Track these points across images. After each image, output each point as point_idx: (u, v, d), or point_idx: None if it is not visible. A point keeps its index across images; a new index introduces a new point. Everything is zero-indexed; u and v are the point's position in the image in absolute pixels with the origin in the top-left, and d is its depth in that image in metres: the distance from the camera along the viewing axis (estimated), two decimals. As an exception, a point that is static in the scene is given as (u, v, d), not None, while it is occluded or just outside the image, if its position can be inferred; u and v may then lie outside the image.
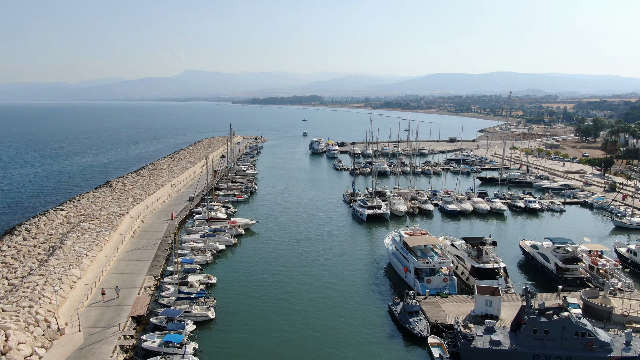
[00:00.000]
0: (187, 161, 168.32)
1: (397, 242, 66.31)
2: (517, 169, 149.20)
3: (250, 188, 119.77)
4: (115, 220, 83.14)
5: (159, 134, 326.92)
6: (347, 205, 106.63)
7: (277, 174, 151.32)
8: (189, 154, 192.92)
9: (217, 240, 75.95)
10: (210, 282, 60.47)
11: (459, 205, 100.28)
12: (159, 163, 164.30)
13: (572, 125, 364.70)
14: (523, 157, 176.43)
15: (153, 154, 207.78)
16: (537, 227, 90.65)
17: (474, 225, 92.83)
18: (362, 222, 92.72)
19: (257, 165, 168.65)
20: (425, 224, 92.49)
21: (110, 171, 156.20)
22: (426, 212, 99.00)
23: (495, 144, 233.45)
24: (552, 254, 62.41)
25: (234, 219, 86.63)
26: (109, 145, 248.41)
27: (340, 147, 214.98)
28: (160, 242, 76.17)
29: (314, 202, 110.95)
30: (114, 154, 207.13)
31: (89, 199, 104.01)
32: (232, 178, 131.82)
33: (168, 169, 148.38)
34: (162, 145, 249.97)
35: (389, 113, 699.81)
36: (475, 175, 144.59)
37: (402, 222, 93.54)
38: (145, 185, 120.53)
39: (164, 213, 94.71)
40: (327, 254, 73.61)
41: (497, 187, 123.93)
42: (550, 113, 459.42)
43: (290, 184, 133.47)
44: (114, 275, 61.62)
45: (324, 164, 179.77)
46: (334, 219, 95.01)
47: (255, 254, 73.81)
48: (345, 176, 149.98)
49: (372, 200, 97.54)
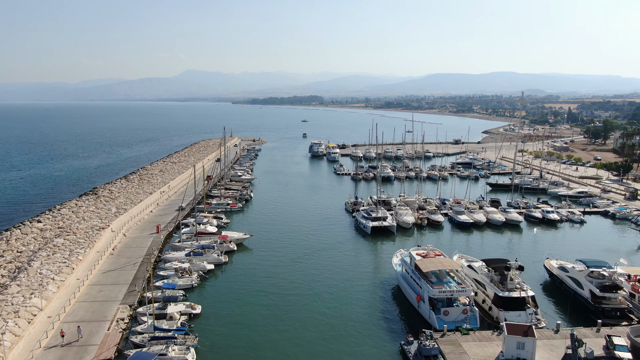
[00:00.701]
0: (181, 165, 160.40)
1: (408, 264, 58.38)
2: (529, 174, 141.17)
3: (246, 196, 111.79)
4: (94, 235, 75.20)
5: (155, 136, 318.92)
6: (349, 215, 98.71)
7: (275, 180, 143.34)
8: (183, 157, 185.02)
9: (205, 258, 68.01)
10: (194, 313, 52.54)
11: (470, 216, 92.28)
12: (150, 167, 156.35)
13: (578, 126, 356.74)
14: (532, 161, 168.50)
15: (146, 157, 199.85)
16: (558, 242, 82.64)
17: (488, 238, 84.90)
18: (365, 235, 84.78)
19: (254, 170, 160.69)
20: (434, 237, 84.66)
21: (99, 176, 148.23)
22: (435, 224, 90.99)
23: (502, 146, 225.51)
24: (586, 280, 54.44)
25: (225, 233, 78.67)
26: (102, 147, 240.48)
27: (341, 150, 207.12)
28: (142, 260, 68.22)
29: (313, 211, 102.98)
30: (106, 157, 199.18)
31: (71, 208, 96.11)
32: (226, 184, 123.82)
33: (159, 174, 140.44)
34: (156, 147, 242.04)
35: (390, 113, 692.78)
36: (484, 181, 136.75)
37: (410, 235, 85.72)
38: (133, 192, 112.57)
39: (149, 225, 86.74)
40: (327, 274, 65.69)
41: (508, 194, 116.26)
42: (555, 114, 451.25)
43: (289, 191, 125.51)
44: (83, 304, 53.66)
45: (324, 168, 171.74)
46: (335, 232, 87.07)
47: (247, 275, 65.84)
48: (346, 181, 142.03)
49: (376, 210, 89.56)
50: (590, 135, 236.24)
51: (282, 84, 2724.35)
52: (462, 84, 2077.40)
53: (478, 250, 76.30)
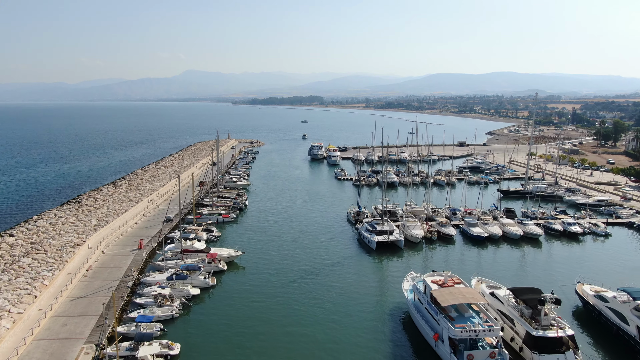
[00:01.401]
0: (173, 170, 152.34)
1: (422, 292, 50.42)
2: (541, 180, 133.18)
3: (240, 204, 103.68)
4: (67, 253, 67.22)
5: (151, 137, 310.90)
6: (352, 227, 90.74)
7: (272, 186, 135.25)
8: (177, 160, 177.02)
9: (190, 282, 60.00)
10: (171, 354, 44.55)
11: (485, 229, 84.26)
12: (141, 172, 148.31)
13: (584, 127, 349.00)
14: (543, 165, 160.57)
15: (139, 160, 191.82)
16: (585, 260, 74.57)
17: (506, 255, 76.88)
18: (370, 250, 76.79)
19: (251, 174, 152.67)
20: (445, 252, 76.79)
21: (86, 182, 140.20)
22: (446, 237, 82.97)
23: (506, 149, 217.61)
24: (633, 314, 46.46)
25: (214, 251, 70.69)
26: (95, 149, 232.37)
27: (341, 152, 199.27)
28: (119, 284, 60.26)
29: (312, 222, 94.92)
30: (97, 160, 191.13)
31: (49, 219, 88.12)
32: (220, 192, 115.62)
33: (150, 180, 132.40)
34: (151, 149, 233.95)
35: (391, 114, 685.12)
36: (495, 187, 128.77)
37: (419, 250, 77.77)
38: (119, 201, 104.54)
39: (132, 240, 78.70)
40: (329, 299, 57.73)
41: (521, 202, 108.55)
42: (559, 114, 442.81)
43: (286, 198, 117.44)
44: (40, 343, 45.67)
45: (325, 172, 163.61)
46: (337, 247, 79.06)
47: (237, 300, 57.87)
48: (348, 187, 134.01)
49: (381, 223, 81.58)
50: (600, 137, 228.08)
51: (282, 84, 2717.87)
52: (462, 84, 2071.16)
53: (497, 270, 68.29)
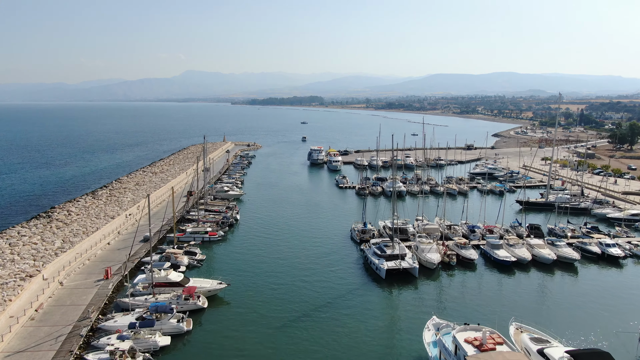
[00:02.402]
0: (162, 176, 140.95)
1: (451, 354, 38.93)
2: (562, 189, 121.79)
3: (230, 219, 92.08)
4: (14, 289, 55.79)
5: (144, 139, 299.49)
6: (357, 247, 79.36)
7: (268, 195, 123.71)
8: (167, 165, 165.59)
9: (158, 328, 48.53)
10: None
11: (511, 252, 72.79)
12: (126, 179, 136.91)
13: (593, 129, 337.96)
14: (561, 172, 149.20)
15: (127, 165, 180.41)
16: (635, 292, 63.10)
17: (538, 285, 65.31)
18: (378, 279, 65.35)
19: (245, 182, 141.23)
20: (467, 281, 65.35)
21: (66, 191, 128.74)
22: (467, 262, 71.53)
23: (520, 152, 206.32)
24: None
25: (193, 282, 59.19)
26: (83, 153, 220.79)
27: (343, 157, 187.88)
28: (71, 330, 48.78)
29: (311, 241, 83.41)
30: (83, 166, 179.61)
31: (10, 239, 76.76)
32: (208, 204, 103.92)
33: (134, 189, 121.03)
34: (142, 153, 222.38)
35: (392, 115, 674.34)
36: (512, 197, 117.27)
37: (436, 278, 66.32)
38: (94, 215, 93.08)
39: (100, 267, 67.12)
40: (330, 349, 46.27)
41: (543, 215, 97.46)
42: (566, 115, 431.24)
43: (283, 211, 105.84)
44: None
45: (325, 179, 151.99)
46: (340, 274, 67.51)
47: (218, 351, 46.42)
48: (351, 197, 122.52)
49: (391, 246, 70.16)
50: (616, 139, 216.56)
51: (282, 84, 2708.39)
52: (462, 84, 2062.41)
53: (537, 310, 56.64)
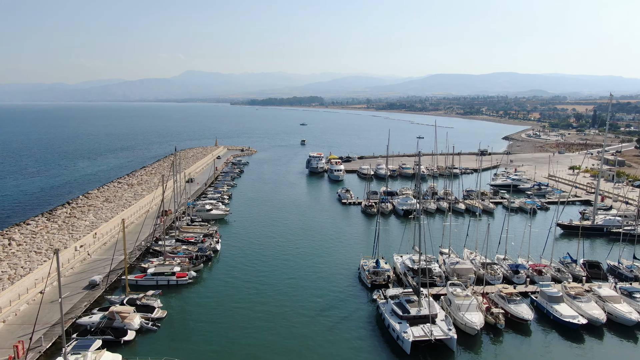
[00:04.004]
0: (139, 189, 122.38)
1: None
2: (606, 207, 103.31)
3: (207, 252, 73.36)
4: None
5: (132, 144, 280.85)
6: (367, 294, 60.92)
7: (258, 214, 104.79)
8: (148, 175, 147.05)
9: None
10: None
11: (577, 307, 54.05)
12: (96, 194, 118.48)
13: (610, 132, 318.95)
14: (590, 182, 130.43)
15: (105, 174, 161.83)
16: None
17: (615, 353, 46.89)
18: (401, 353, 46.84)
19: (234, 196, 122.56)
20: (520, 351, 46.83)
21: (21, 209, 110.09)
22: (518, 323, 52.82)
23: (539, 159, 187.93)
24: None
25: (133, 372, 40.71)
26: (61, 159, 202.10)
27: (345, 164, 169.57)
28: None
29: (309, 284, 64.65)
30: (55, 175, 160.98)
31: None
32: (181, 230, 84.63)
33: (101, 207, 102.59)
34: (126, 159, 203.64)
35: (394, 115, 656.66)
36: (543, 215, 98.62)
37: (478, 350, 47.83)
38: (37, 246, 74.57)
39: (15, 333, 48.57)
40: None
41: (588, 241, 79.04)
42: (577, 116, 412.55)
43: (274, 238, 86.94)
44: None
45: (326, 192, 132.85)
46: (345, 345, 48.99)
47: None
48: (356, 217, 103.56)
49: (417, 303, 51.56)
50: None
51: (281, 84, 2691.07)
52: (463, 84, 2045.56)
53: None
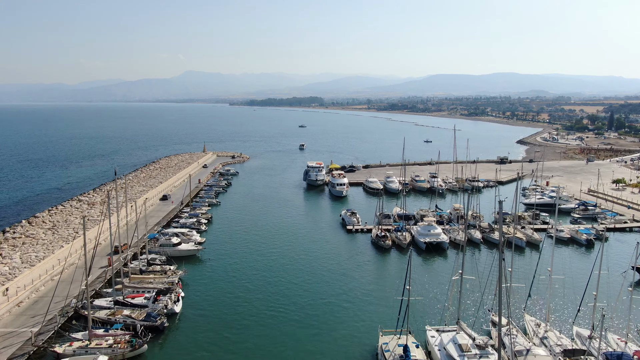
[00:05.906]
0: (95, 212, 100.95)
1: None
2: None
3: (160, 315, 51.77)
4: None
5: (117, 148, 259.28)
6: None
7: (240, 248, 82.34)
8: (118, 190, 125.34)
9: None
10: None
11: None
12: (44, 217, 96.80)
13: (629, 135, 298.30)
14: None
15: (70, 188, 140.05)
16: None
17: None
18: None
19: (214, 218, 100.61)
20: None
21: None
22: None
23: (568, 168, 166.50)
24: None
25: None
26: (30, 169, 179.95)
27: (349, 174, 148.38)
28: None
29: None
30: (14, 189, 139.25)
31: None
32: (131, 280, 61.85)
33: (42, 237, 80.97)
34: (103, 168, 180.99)
35: (396, 116, 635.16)
36: (612, 252, 76.87)
37: None
38: None
39: None
40: None
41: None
42: (591, 118, 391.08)
43: (257, 289, 65.14)
44: None
45: (327, 213, 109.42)
46: None
47: None
48: (366, 252, 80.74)
49: None
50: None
51: (281, 85, 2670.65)
52: (463, 84, 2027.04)
53: None
